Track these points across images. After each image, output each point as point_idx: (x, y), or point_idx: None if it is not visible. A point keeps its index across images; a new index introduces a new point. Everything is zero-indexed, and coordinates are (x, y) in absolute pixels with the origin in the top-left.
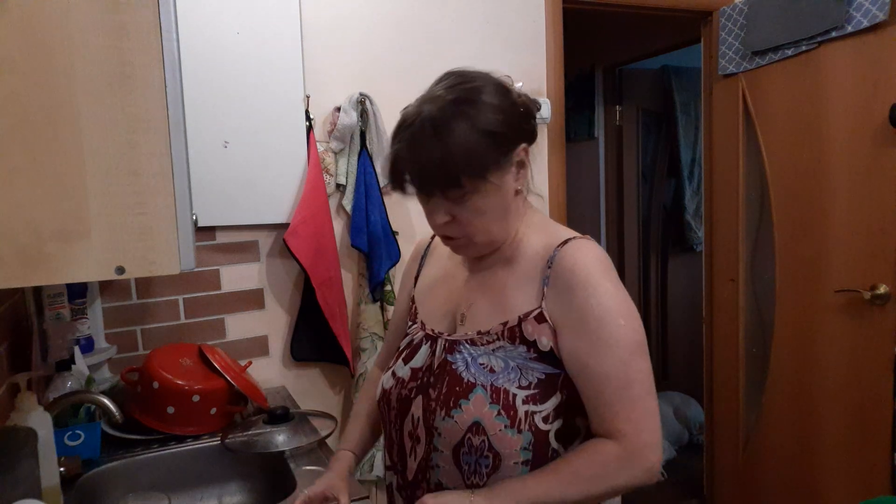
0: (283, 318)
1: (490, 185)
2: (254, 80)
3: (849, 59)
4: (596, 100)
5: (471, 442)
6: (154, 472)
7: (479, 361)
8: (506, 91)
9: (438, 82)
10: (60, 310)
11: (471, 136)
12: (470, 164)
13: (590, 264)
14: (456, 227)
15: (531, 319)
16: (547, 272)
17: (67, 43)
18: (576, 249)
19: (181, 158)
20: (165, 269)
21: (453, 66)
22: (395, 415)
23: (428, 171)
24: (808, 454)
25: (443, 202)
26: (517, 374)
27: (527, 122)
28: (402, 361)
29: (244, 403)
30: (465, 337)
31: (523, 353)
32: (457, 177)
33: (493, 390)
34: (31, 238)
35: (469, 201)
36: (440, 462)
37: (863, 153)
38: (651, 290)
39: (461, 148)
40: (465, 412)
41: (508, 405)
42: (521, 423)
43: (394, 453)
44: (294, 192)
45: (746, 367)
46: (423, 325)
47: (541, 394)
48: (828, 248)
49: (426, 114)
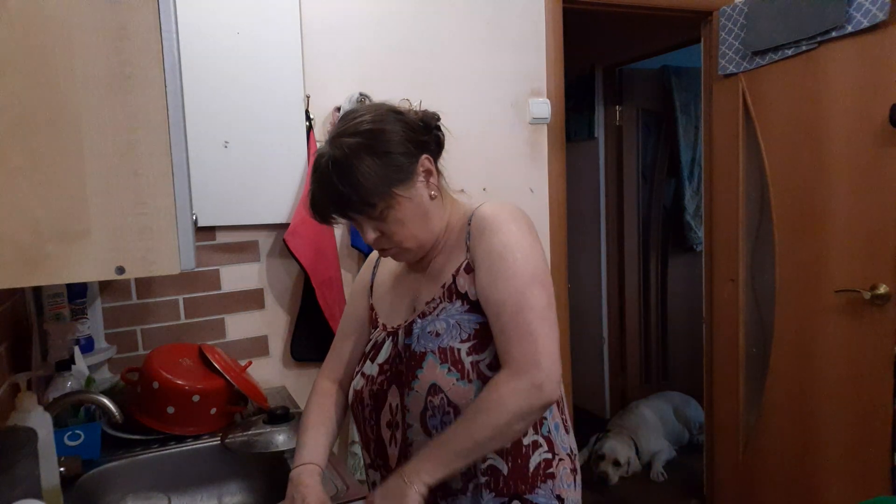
0: (283, 318)
1: (401, 198)
2: (254, 80)
3: (849, 59)
4: (596, 100)
5: (432, 403)
6: (154, 472)
7: (427, 331)
8: (399, 115)
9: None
10: (60, 310)
11: (370, 162)
12: (376, 187)
13: (499, 212)
14: (386, 240)
15: (462, 272)
16: (468, 229)
17: (67, 43)
18: (488, 204)
19: (181, 158)
20: (165, 269)
21: (453, 66)
22: (369, 411)
23: (341, 202)
24: (808, 454)
25: (367, 221)
26: (457, 329)
27: (425, 134)
28: (368, 361)
29: (244, 403)
30: (417, 314)
31: (459, 307)
32: (367, 200)
33: (441, 352)
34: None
35: (388, 216)
36: (414, 437)
37: (863, 153)
38: (651, 290)
39: (364, 176)
40: (421, 380)
41: (455, 360)
42: (469, 374)
43: (371, 450)
44: (294, 192)
45: (746, 367)
46: (385, 326)
47: (479, 343)
48: (828, 248)
49: (328, 154)
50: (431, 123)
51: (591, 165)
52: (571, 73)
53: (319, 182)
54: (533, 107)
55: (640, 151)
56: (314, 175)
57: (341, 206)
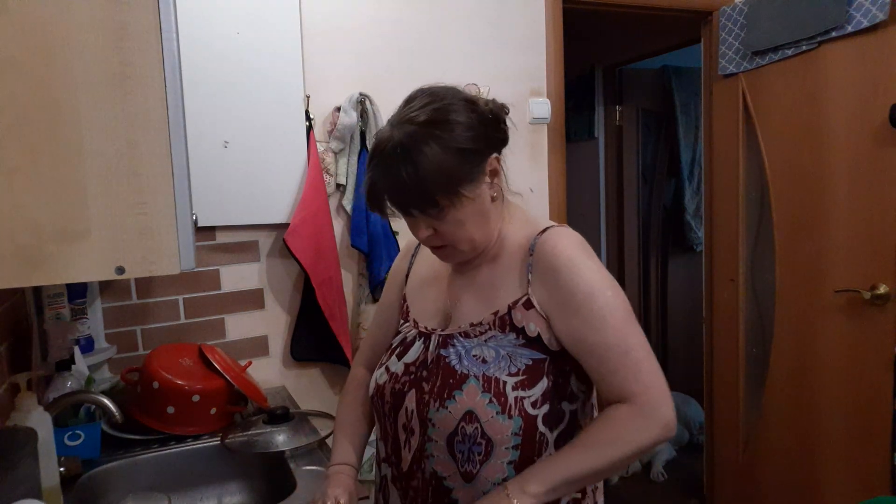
0: (283, 318)
1: (465, 198)
2: (254, 80)
3: (849, 59)
4: (596, 100)
5: (464, 430)
6: (154, 472)
7: (473, 353)
8: (473, 105)
9: (408, 103)
10: (60, 310)
11: (441, 156)
12: (442, 183)
13: (569, 246)
14: (439, 238)
15: (520, 307)
16: (529, 260)
17: (67, 43)
18: (554, 235)
19: (181, 158)
20: (165, 269)
21: (453, 66)
22: (388, 408)
23: (404, 194)
24: (808, 454)
25: (423, 218)
26: (507, 361)
27: (496, 130)
28: (395, 357)
29: (244, 403)
30: (459, 330)
31: (512, 340)
32: (432, 197)
33: (485, 379)
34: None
35: (448, 215)
36: (434, 451)
37: (863, 153)
38: (651, 290)
39: (433, 169)
40: (458, 402)
41: (499, 392)
42: (511, 409)
43: (388, 445)
44: (294, 192)
45: (746, 367)
46: (416, 323)
47: (529, 379)
48: (828, 248)
49: (397, 139)
50: (501, 117)
51: (591, 165)
52: (571, 73)
53: (383, 169)
54: (533, 107)
55: (640, 151)
56: (375, 160)
57: (402, 199)
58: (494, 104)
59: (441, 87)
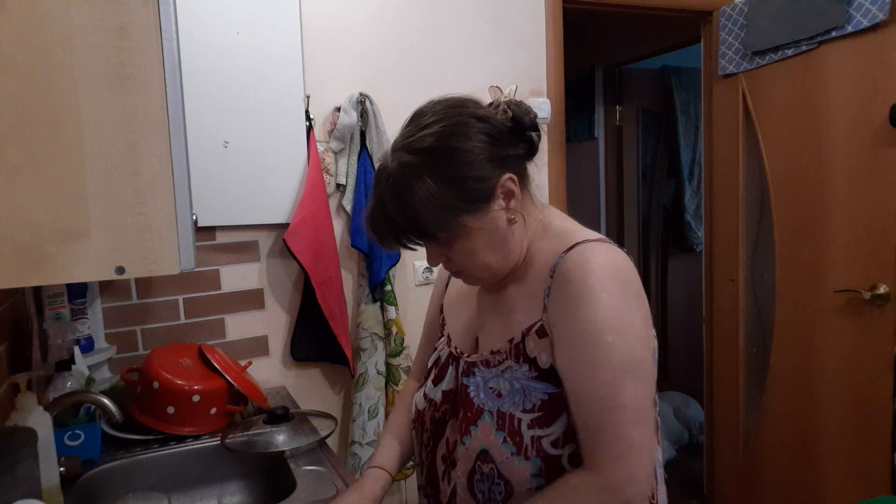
0: (283, 318)
1: (470, 228)
2: (254, 80)
3: (849, 59)
4: (596, 100)
5: (481, 469)
6: (154, 472)
7: (489, 385)
8: (485, 122)
9: (414, 120)
10: (60, 310)
11: (435, 190)
12: (440, 218)
13: (589, 270)
14: (454, 265)
15: (533, 334)
16: (549, 281)
17: (67, 43)
18: (580, 254)
19: (181, 158)
20: (165, 269)
21: (452, 66)
22: (428, 437)
23: (400, 231)
24: (809, 454)
25: (431, 246)
26: (521, 396)
27: (513, 146)
28: (431, 382)
29: (244, 403)
30: (480, 358)
31: (525, 372)
32: (430, 232)
33: (499, 416)
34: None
35: (455, 245)
36: (458, 489)
37: (863, 153)
38: (651, 290)
39: (427, 206)
40: (474, 439)
41: (514, 431)
42: (527, 450)
43: (423, 474)
44: (294, 192)
45: (746, 367)
46: (449, 341)
47: (545, 416)
48: (828, 248)
49: (391, 170)
50: (524, 125)
51: (591, 165)
52: (571, 73)
53: (377, 201)
54: (533, 107)
55: (640, 151)
56: (374, 190)
57: (396, 233)
58: (517, 110)
59: (454, 102)
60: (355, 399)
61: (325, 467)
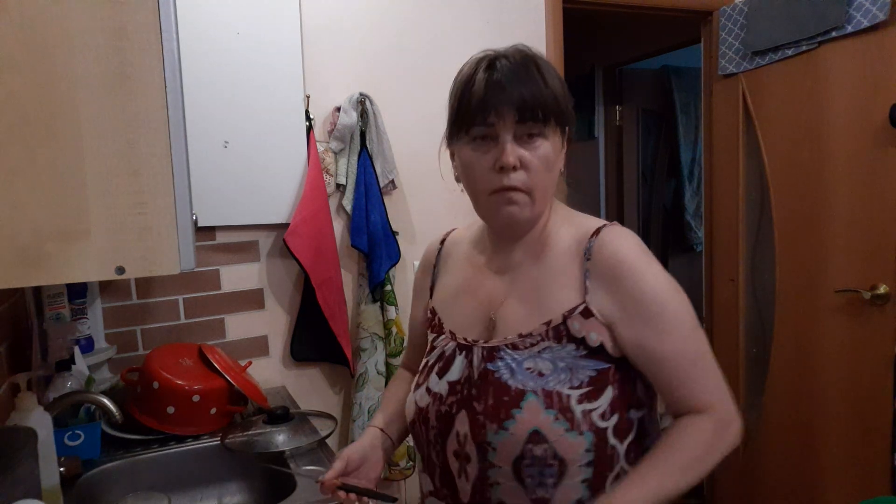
0: (283, 318)
1: (558, 138)
2: (254, 80)
3: (849, 59)
4: (596, 100)
5: (532, 453)
6: (154, 472)
7: (526, 366)
8: None
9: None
10: (60, 310)
11: (560, 82)
12: (559, 105)
13: (631, 250)
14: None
15: (577, 316)
16: (586, 265)
17: (67, 43)
18: (612, 238)
19: (181, 158)
20: (165, 269)
21: (453, 66)
22: (434, 434)
23: (529, 100)
24: (809, 454)
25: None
26: (567, 374)
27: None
28: (435, 376)
29: (244, 403)
30: (506, 342)
31: (572, 351)
32: (559, 107)
33: (546, 394)
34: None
35: (542, 146)
36: (499, 479)
37: (863, 153)
38: None
39: (557, 87)
40: (519, 422)
41: (564, 407)
42: (580, 425)
43: (436, 477)
44: (294, 192)
45: (746, 367)
46: (454, 335)
47: (594, 391)
48: (828, 248)
49: (522, 52)
50: None
51: (592, 165)
52: (571, 73)
53: (510, 71)
54: None
55: (640, 151)
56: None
57: (533, 101)
58: None
59: None
60: (355, 399)
61: (326, 467)
